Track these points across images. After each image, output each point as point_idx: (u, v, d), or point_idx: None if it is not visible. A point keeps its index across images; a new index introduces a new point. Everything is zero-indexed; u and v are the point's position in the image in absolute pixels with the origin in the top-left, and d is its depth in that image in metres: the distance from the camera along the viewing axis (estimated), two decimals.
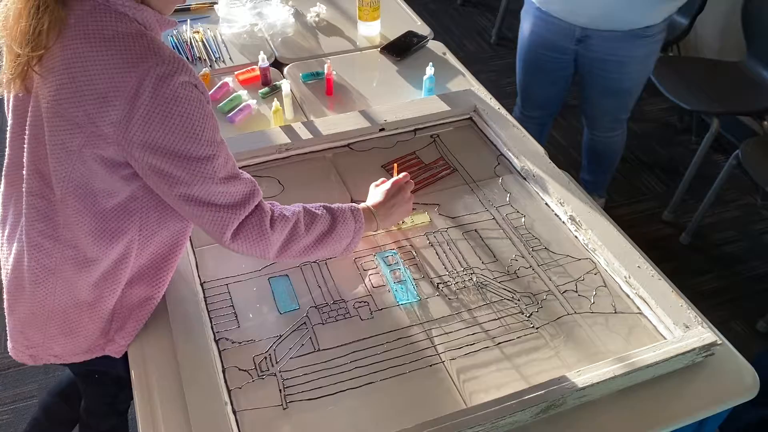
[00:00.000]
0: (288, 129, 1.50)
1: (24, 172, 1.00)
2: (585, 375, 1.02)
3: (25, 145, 0.98)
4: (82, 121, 0.90)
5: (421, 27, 2.00)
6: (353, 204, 1.20)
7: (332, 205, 1.17)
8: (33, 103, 0.95)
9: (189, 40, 1.87)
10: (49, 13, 0.88)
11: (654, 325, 1.15)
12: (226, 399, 1.01)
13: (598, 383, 1.01)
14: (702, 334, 1.08)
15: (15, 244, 1.06)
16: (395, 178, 1.30)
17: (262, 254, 1.07)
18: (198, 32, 1.90)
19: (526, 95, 2.24)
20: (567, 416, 1.03)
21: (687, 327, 1.10)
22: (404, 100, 1.66)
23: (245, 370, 1.07)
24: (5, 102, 1.04)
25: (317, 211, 1.14)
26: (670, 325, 1.12)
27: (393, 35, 1.92)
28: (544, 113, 2.30)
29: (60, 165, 0.95)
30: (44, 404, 1.52)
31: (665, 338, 1.12)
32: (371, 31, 1.93)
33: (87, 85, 0.89)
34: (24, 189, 1.01)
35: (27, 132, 0.97)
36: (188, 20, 1.95)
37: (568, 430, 1.02)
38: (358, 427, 1.00)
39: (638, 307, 1.18)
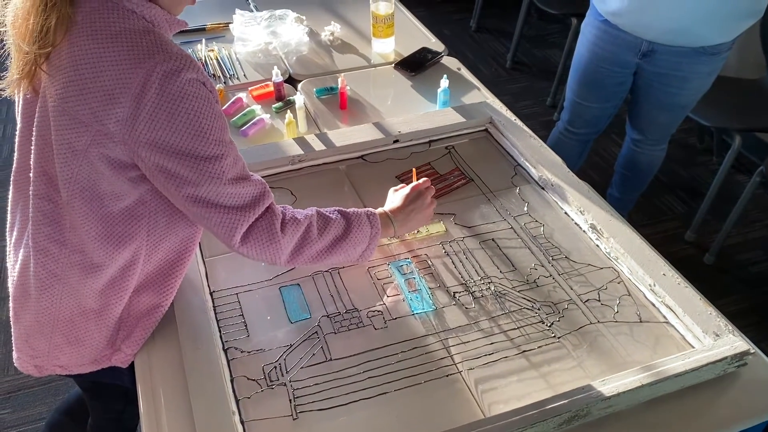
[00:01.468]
0: (301, 141, 1.48)
1: (31, 175, 0.98)
2: (611, 384, 0.97)
3: (33, 147, 0.97)
4: (88, 119, 0.89)
5: (435, 44, 1.99)
6: (369, 209, 1.17)
7: (347, 210, 1.14)
8: (41, 103, 0.94)
9: (204, 59, 1.87)
10: (56, 11, 0.87)
11: (682, 334, 1.10)
12: (234, 409, 0.97)
13: (624, 392, 0.96)
14: (734, 342, 1.03)
15: (22, 250, 1.04)
16: (415, 183, 1.27)
17: (273, 259, 1.04)
18: (213, 51, 1.91)
19: (578, 111, 2.20)
20: (591, 428, 0.97)
21: (717, 335, 1.05)
22: (419, 113, 1.64)
23: (254, 380, 1.03)
24: (16, 106, 1.03)
25: (331, 215, 1.11)
26: (699, 334, 1.07)
27: (407, 52, 1.91)
28: (591, 131, 2.26)
29: (66, 166, 0.93)
30: (51, 422, 1.48)
31: (694, 347, 1.07)
32: (385, 48, 1.92)
33: (93, 82, 0.87)
34: (31, 192, 0.99)
35: (34, 133, 0.96)
36: (203, 40, 1.95)
37: None
38: None
39: (664, 316, 1.13)
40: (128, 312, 1.07)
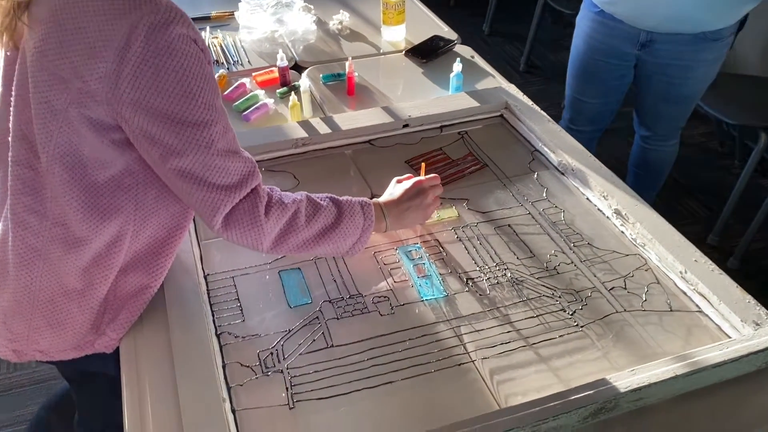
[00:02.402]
0: (305, 124, 1.40)
1: (9, 139, 0.91)
2: (641, 374, 0.88)
3: (11, 108, 0.89)
4: (68, 75, 0.81)
5: (447, 33, 1.91)
6: (364, 199, 1.08)
7: (340, 198, 1.05)
8: (20, 59, 0.87)
9: (207, 46, 1.80)
10: None
11: (717, 324, 1.00)
12: (225, 396, 0.88)
13: (656, 383, 0.86)
14: None
15: (0, 224, 0.96)
16: (419, 178, 1.18)
17: (254, 244, 0.95)
18: (217, 38, 1.84)
19: (578, 107, 2.10)
20: (619, 423, 0.88)
21: (757, 324, 0.96)
22: (430, 98, 1.56)
23: (248, 366, 0.94)
24: None
25: (322, 202, 1.02)
26: (736, 323, 0.98)
27: (418, 41, 1.84)
28: (594, 128, 2.16)
29: (45, 127, 0.85)
30: (36, 419, 1.40)
31: (731, 338, 0.97)
32: (396, 36, 1.85)
33: (74, 35, 0.80)
34: (9, 158, 0.91)
35: (13, 93, 0.88)
36: (207, 28, 1.89)
37: None
38: (373, 430, 0.86)
39: (697, 305, 1.03)
40: (114, 293, 0.98)
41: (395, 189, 1.17)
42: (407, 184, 1.16)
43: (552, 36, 3.84)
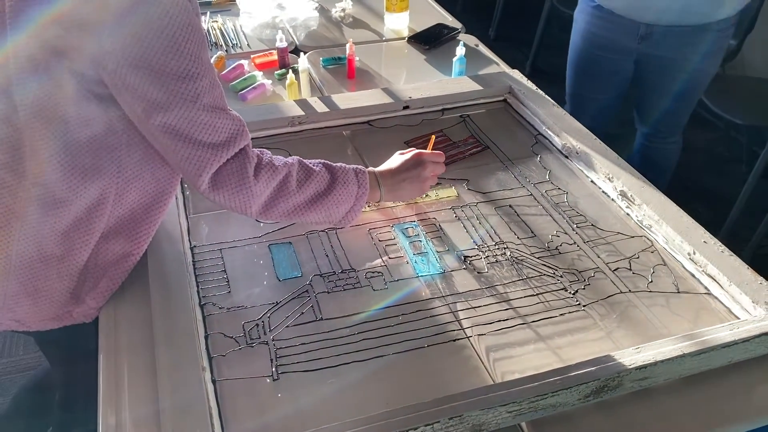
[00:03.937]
0: (302, 102, 1.36)
1: None
2: (647, 352, 0.83)
3: None
4: (48, 23, 0.77)
5: (451, 22, 1.88)
6: (359, 166, 1.04)
7: (334, 164, 1.01)
8: None
9: (207, 30, 1.77)
10: None
11: (727, 307, 0.95)
12: (205, 365, 0.83)
13: (662, 362, 0.81)
14: None
15: None
16: (419, 150, 1.13)
17: (243, 207, 0.91)
18: (216, 22, 1.81)
19: (578, 104, 2.04)
20: (622, 404, 0.83)
21: None
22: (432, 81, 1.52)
23: (231, 337, 0.89)
24: None
25: (315, 167, 0.98)
26: (747, 305, 0.93)
27: (421, 29, 1.80)
28: (596, 124, 2.10)
29: (23, 79, 0.81)
30: (16, 400, 1.35)
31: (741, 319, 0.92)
32: (399, 23, 1.81)
33: None
34: None
35: None
36: (208, 12, 1.86)
37: (623, 424, 0.81)
38: (361, 403, 0.81)
39: (706, 287, 0.99)
40: (95, 260, 0.94)
41: (394, 159, 1.13)
42: (408, 155, 1.12)
43: (558, 41, 3.80)
